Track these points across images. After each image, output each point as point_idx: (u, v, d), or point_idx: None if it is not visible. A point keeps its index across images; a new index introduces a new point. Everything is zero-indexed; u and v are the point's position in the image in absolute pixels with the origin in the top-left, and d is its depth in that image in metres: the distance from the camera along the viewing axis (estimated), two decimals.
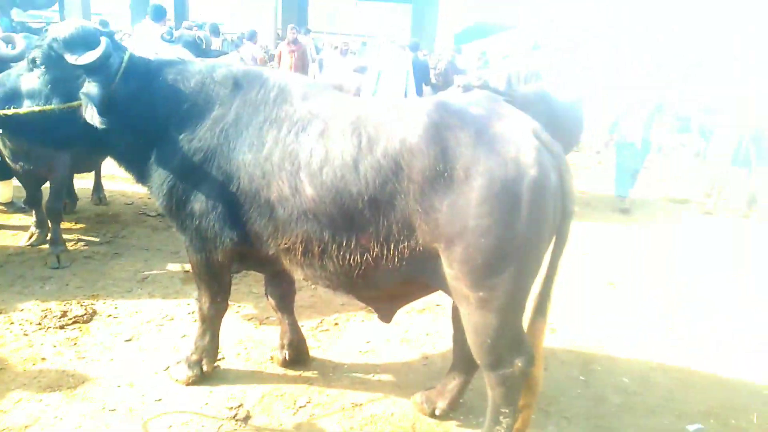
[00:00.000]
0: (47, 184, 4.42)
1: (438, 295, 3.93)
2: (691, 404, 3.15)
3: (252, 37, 10.82)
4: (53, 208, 4.41)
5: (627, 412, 3.05)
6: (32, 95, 2.56)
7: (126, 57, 2.60)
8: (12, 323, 3.41)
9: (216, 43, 9.52)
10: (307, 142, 2.34)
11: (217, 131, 2.51)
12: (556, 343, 3.71)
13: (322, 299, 4.07)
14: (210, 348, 2.99)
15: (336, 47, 13.04)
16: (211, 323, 2.96)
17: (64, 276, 4.10)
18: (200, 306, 2.93)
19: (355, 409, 2.87)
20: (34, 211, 4.69)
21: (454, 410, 2.84)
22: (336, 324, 3.75)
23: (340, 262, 2.34)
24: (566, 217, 2.23)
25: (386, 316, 2.75)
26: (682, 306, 4.44)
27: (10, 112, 2.54)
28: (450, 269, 2.20)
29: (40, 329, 3.36)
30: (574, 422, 2.92)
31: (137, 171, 2.80)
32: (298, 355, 3.20)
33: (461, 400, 2.89)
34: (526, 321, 2.38)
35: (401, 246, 2.24)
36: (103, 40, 2.50)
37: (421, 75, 8.41)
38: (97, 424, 2.61)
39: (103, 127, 2.42)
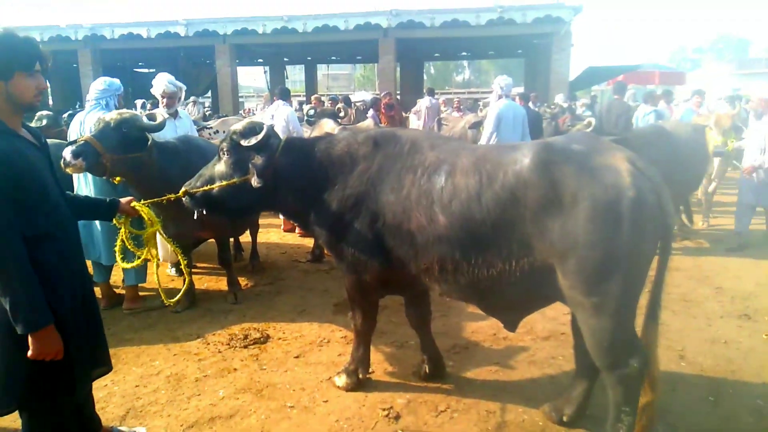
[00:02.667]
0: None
1: (562, 324, 4.27)
2: None
3: (375, 103, 12.10)
4: (223, 257, 5.35)
5: (761, 430, 3.11)
6: (222, 177, 3.35)
7: (283, 138, 3.47)
8: (208, 344, 4.30)
9: (350, 112, 10.77)
10: (438, 181, 2.93)
11: (365, 180, 3.20)
12: (686, 368, 3.82)
13: (454, 328, 4.54)
14: (364, 359, 3.60)
15: (455, 108, 13.99)
16: (364, 337, 3.58)
17: (241, 309, 5.01)
18: (355, 323, 3.58)
19: (489, 415, 3.27)
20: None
21: (580, 417, 3.13)
22: (467, 348, 4.19)
23: (471, 277, 2.85)
24: (667, 231, 2.59)
25: (511, 325, 3.18)
26: None
27: (207, 188, 3.36)
28: (565, 280, 2.60)
29: (229, 348, 4.21)
30: None
31: (302, 221, 3.59)
32: (436, 369, 3.69)
33: (587, 410, 3.18)
34: (639, 327, 2.69)
35: (521, 262, 2.70)
36: (265, 127, 3.35)
37: (533, 125, 8.74)
38: (281, 415, 3.29)
39: (259, 185, 3.18)
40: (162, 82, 5.67)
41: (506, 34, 18.83)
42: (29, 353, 2.16)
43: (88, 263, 4.46)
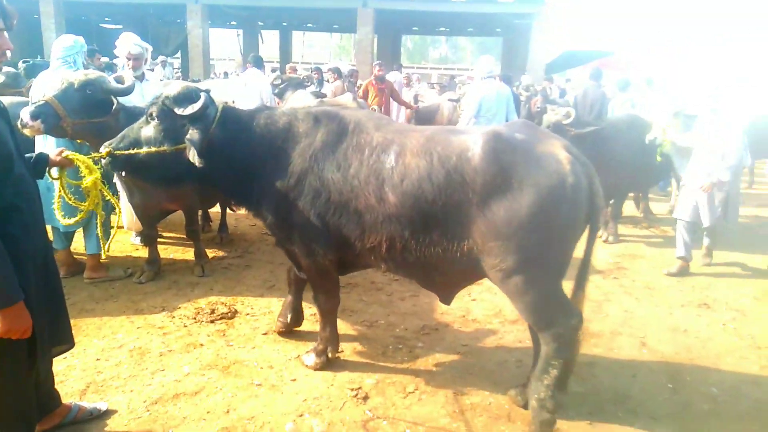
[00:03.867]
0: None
1: None
2: None
3: (352, 75, 11.81)
4: (191, 230, 5.20)
5: (714, 417, 3.23)
6: (149, 142, 3.12)
7: (220, 108, 3.19)
8: (173, 317, 4.20)
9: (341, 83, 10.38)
10: (388, 161, 2.96)
11: (307, 157, 3.12)
12: (647, 355, 3.92)
13: (424, 308, 4.55)
14: (332, 338, 3.57)
15: (432, 84, 13.77)
16: (330, 316, 3.55)
17: (209, 283, 4.91)
18: (318, 304, 3.54)
19: (457, 397, 3.30)
20: (148, 249, 5.09)
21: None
22: (436, 329, 4.21)
23: (417, 255, 2.96)
24: (596, 210, 2.87)
25: (447, 299, 3.35)
26: None
27: (134, 151, 3.11)
28: (504, 260, 2.77)
29: (195, 323, 4.12)
30: (661, 422, 3.15)
31: (243, 200, 3.46)
32: (296, 323, 3.98)
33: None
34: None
35: (464, 242, 2.85)
36: (203, 95, 3.14)
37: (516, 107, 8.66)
38: (248, 393, 3.25)
39: (201, 165, 2.99)
40: (127, 43, 5.37)
41: (486, 11, 18.67)
42: None
43: (48, 229, 4.26)
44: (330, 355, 3.56)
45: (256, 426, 2.95)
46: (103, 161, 3.13)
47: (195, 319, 4.17)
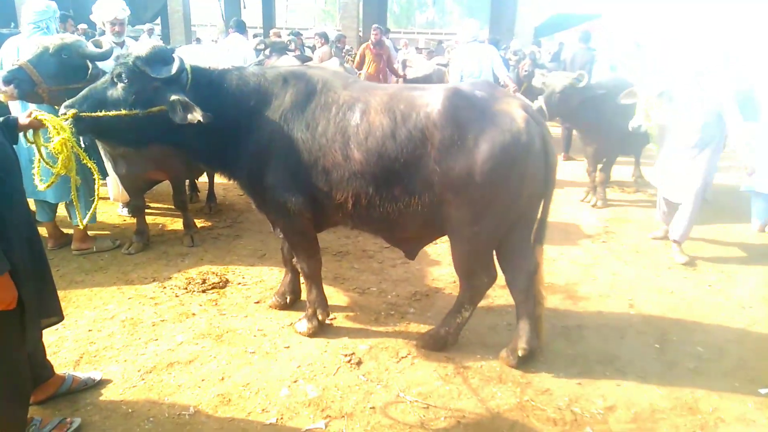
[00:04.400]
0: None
1: None
2: (765, 371, 3.35)
3: (339, 40, 11.57)
4: (178, 200, 5.13)
5: (700, 375, 3.31)
6: (116, 104, 2.94)
7: (189, 69, 3.05)
8: (164, 288, 4.19)
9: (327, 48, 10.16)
10: (353, 119, 3.01)
11: (278, 116, 3.10)
12: (634, 317, 3.99)
13: (415, 275, 4.58)
14: (319, 300, 3.59)
15: (420, 49, 13.51)
16: (313, 278, 3.55)
17: (199, 253, 4.88)
18: (301, 266, 3.54)
19: (449, 361, 3.34)
20: (136, 220, 5.04)
21: (533, 348, 3.27)
22: (427, 295, 4.24)
23: (381, 211, 3.07)
24: (550, 170, 3.03)
25: (411, 254, 3.55)
26: (765, 288, 4.53)
27: (101, 114, 2.91)
28: (457, 212, 2.97)
29: (186, 293, 4.11)
30: (649, 381, 3.23)
31: (216, 164, 3.40)
32: (295, 299, 3.95)
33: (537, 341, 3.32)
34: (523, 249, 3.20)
35: (424, 196, 2.97)
36: (177, 57, 3.02)
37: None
38: (242, 361, 3.27)
39: (208, 120, 2.88)
40: (114, 7, 5.17)
41: None
42: None
43: (31, 202, 4.19)
44: (320, 318, 3.57)
45: (252, 392, 2.98)
46: (65, 123, 2.86)
47: (186, 289, 4.16)
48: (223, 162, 3.33)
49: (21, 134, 2.61)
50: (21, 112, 4.28)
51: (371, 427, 2.77)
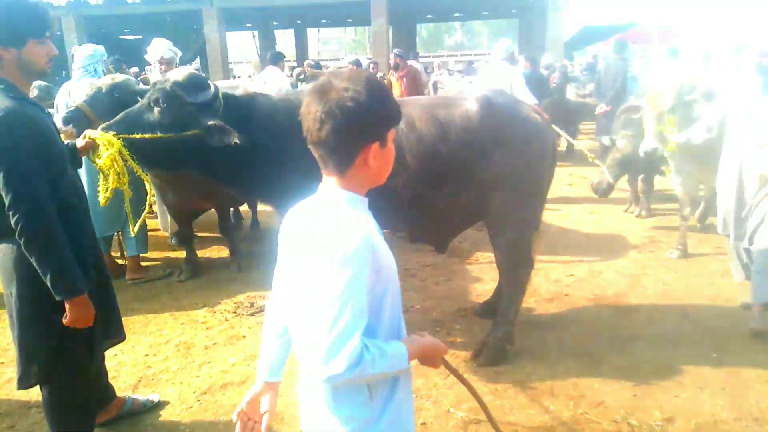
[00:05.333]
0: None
1: (566, 286, 4.33)
2: None
3: (357, 64, 11.83)
4: (224, 227, 5.31)
5: (764, 384, 3.18)
6: (152, 126, 3.06)
7: (221, 95, 3.15)
8: (215, 312, 4.31)
9: None
10: (401, 131, 3.19)
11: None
12: (688, 326, 3.87)
13: (458, 291, 4.60)
14: None
15: (451, 71, 13.66)
16: None
17: (245, 278, 5.01)
18: None
19: (499, 376, 3.31)
20: (185, 248, 5.17)
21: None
22: (472, 311, 4.22)
23: (437, 211, 3.40)
24: (554, 164, 3.57)
25: (443, 248, 3.87)
26: None
27: (149, 136, 3.03)
28: (501, 203, 3.34)
29: (236, 316, 4.23)
30: (708, 391, 3.11)
31: (239, 187, 3.53)
32: None
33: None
34: None
35: (471, 191, 3.33)
36: (212, 84, 3.17)
37: (540, 87, 8.37)
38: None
39: (241, 142, 2.98)
40: (160, 48, 5.52)
41: None
42: (65, 320, 2.18)
43: None
44: None
45: None
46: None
47: (235, 313, 4.28)
48: (250, 187, 3.46)
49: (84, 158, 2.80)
50: None
51: None
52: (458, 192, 3.33)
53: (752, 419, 2.87)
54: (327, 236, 1.30)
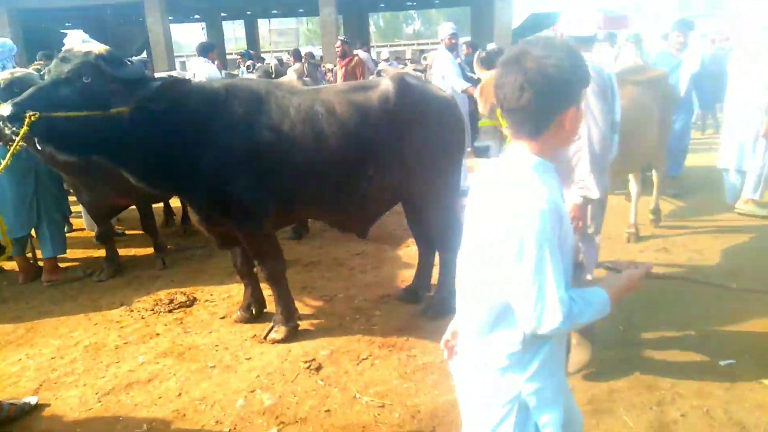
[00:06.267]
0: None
1: None
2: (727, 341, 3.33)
3: (296, 56, 11.65)
4: (146, 224, 5.10)
5: (654, 349, 3.29)
6: (69, 105, 2.74)
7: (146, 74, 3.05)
8: (132, 311, 4.19)
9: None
10: (315, 116, 3.29)
11: (234, 126, 3.17)
12: None
13: (385, 278, 4.58)
14: (290, 303, 3.66)
15: (387, 60, 13.65)
16: (281, 282, 3.59)
17: (170, 274, 4.89)
18: (267, 272, 3.55)
19: (410, 359, 3.33)
20: (105, 247, 4.95)
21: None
22: (396, 297, 4.22)
23: (351, 196, 3.49)
24: (464, 136, 3.86)
25: (364, 233, 3.96)
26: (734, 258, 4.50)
27: (56, 114, 2.69)
28: (423, 178, 3.52)
29: (153, 314, 4.12)
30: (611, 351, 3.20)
31: (158, 181, 3.30)
32: (261, 310, 3.96)
33: None
34: None
35: (387, 173, 3.44)
36: (137, 63, 3.06)
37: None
38: (202, 376, 3.26)
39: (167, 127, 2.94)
40: (75, 41, 5.26)
41: None
42: None
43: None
44: (296, 321, 3.66)
45: (207, 405, 2.97)
46: (5, 126, 2.69)
47: (153, 310, 4.17)
48: (171, 178, 3.28)
49: None
50: None
51: (324, 429, 2.75)
52: (383, 173, 3.43)
53: (645, 387, 2.96)
54: (520, 200, 1.35)
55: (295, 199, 3.44)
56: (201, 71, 6.91)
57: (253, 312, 3.90)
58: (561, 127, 1.41)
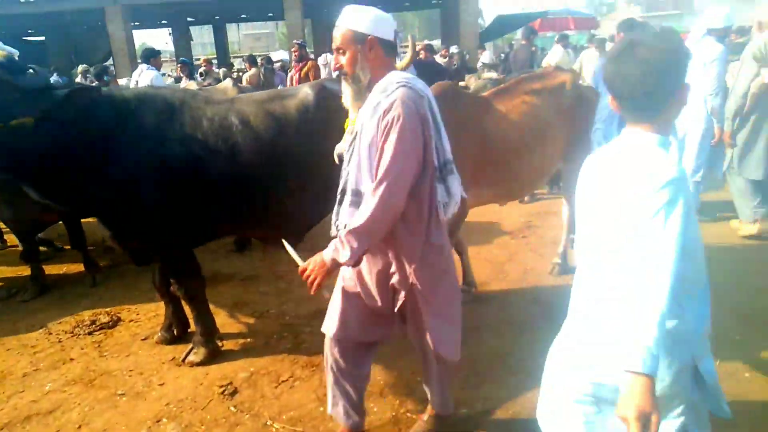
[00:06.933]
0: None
1: None
2: None
3: (252, 61, 11.45)
4: (74, 240, 4.88)
5: None
6: None
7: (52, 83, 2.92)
8: (50, 334, 3.97)
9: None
10: (229, 128, 3.13)
11: (143, 139, 3.00)
12: (538, 311, 3.87)
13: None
14: (211, 321, 3.50)
15: None
16: (199, 300, 3.43)
17: (99, 292, 4.68)
18: (184, 290, 3.37)
19: None
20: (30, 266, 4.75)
21: None
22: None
23: (277, 208, 3.33)
24: None
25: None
26: None
27: None
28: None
29: (72, 337, 3.90)
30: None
31: (72, 200, 3.15)
32: (183, 330, 3.75)
33: None
34: None
35: (310, 186, 3.24)
36: (40, 71, 2.90)
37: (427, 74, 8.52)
38: (107, 405, 3.06)
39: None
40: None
41: None
42: None
43: None
44: (217, 343, 3.50)
45: None
46: None
47: (73, 332, 3.95)
48: (76, 193, 3.07)
49: None
50: None
51: None
52: (306, 186, 3.25)
53: None
54: (650, 178, 1.40)
55: (209, 215, 3.24)
56: (143, 78, 6.69)
57: (175, 332, 3.71)
58: (677, 102, 1.50)
